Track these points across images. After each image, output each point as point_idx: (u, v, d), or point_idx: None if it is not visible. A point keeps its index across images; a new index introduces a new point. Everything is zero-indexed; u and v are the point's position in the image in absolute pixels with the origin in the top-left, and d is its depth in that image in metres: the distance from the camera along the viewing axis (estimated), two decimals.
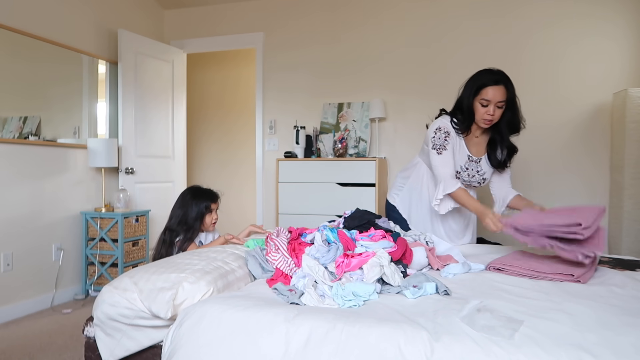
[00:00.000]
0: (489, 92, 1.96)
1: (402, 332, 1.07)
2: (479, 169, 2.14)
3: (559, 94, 3.42)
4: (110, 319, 1.40)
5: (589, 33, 3.36)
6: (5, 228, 2.92)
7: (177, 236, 2.28)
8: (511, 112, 2.02)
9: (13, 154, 2.98)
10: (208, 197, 2.38)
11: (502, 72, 2.01)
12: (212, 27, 4.31)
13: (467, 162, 2.13)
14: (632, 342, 1.01)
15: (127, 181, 3.69)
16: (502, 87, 1.96)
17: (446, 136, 2.07)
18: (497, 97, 1.95)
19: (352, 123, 3.80)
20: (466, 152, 2.12)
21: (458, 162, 2.11)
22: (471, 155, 2.12)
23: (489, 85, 1.96)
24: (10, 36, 2.95)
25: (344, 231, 1.66)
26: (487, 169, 2.16)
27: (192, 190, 2.41)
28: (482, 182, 2.18)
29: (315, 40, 3.99)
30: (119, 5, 3.87)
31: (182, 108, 4.31)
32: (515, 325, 1.09)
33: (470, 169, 2.13)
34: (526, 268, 1.60)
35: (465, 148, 2.12)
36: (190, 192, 2.40)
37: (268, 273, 1.60)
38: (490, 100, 1.95)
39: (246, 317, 1.19)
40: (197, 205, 2.32)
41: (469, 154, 2.12)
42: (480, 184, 2.19)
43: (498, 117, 2.01)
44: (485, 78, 1.99)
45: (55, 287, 3.25)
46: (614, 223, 3.25)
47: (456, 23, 3.63)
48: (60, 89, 3.34)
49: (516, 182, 3.51)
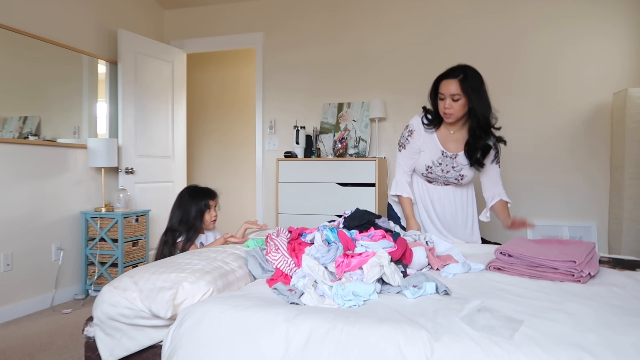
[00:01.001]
0: (442, 86, 2.03)
1: (402, 332, 1.07)
2: (454, 165, 2.16)
3: (559, 94, 3.43)
4: (110, 318, 1.40)
5: (589, 32, 3.36)
6: (5, 228, 2.92)
7: (179, 236, 2.28)
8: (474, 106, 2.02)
9: (13, 154, 2.98)
10: (206, 194, 2.38)
11: (460, 66, 2.04)
12: (212, 27, 4.31)
13: (440, 157, 2.16)
14: (632, 342, 1.01)
15: (127, 181, 3.69)
16: (455, 80, 2.00)
17: (408, 135, 2.20)
18: (450, 90, 2.00)
19: (352, 123, 3.80)
20: (439, 147, 2.16)
21: (430, 157, 2.17)
22: (445, 150, 2.15)
23: (442, 79, 2.05)
24: (10, 36, 2.95)
25: (344, 231, 1.66)
26: (465, 165, 2.17)
27: (189, 190, 2.42)
28: (459, 178, 2.19)
29: (315, 40, 3.99)
30: (119, 5, 3.86)
31: (182, 108, 4.31)
32: (515, 325, 1.09)
33: (445, 164, 2.16)
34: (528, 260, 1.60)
35: (438, 143, 2.16)
36: (188, 192, 2.40)
37: (268, 273, 1.60)
38: (444, 94, 2.02)
39: (246, 317, 1.19)
40: (196, 204, 2.33)
41: (443, 149, 2.15)
42: (458, 180, 2.20)
43: (458, 111, 2.03)
44: (442, 73, 2.06)
45: (55, 287, 3.25)
46: (614, 223, 3.25)
47: (456, 23, 3.63)
48: (60, 89, 3.34)
49: (516, 181, 3.51)
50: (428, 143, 2.17)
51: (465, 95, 1.99)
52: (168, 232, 2.31)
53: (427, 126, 2.16)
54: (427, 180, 2.27)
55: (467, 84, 1.97)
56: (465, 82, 1.98)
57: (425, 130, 2.17)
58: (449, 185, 2.25)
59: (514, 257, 1.65)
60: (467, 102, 2.01)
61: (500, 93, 3.55)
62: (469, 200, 2.30)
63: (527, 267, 1.60)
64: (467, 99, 2.00)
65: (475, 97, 1.99)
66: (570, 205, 3.42)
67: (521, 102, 3.50)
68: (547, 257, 1.57)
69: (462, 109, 2.03)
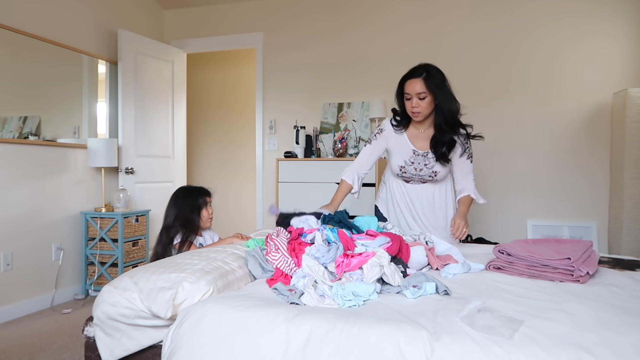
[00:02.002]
0: (407, 86, 2.08)
1: (402, 332, 1.07)
2: (426, 162, 2.19)
3: (559, 94, 3.43)
4: (110, 318, 1.40)
5: (589, 32, 3.36)
6: (5, 228, 2.92)
7: (176, 233, 2.26)
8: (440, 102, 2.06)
9: (13, 154, 2.98)
10: (202, 192, 2.38)
11: (422, 65, 2.09)
12: (212, 27, 4.31)
13: (412, 156, 2.20)
14: (632, 342, 1.01)
15: (127, 181, 3.69)
16: (419, 79, 2.04)
17: (378, 132, 2.27)
18: (415, 89, 2.04)
19: (352, 123, 3.80)
20: (410, 146, 2.19)
21: (402, 157, 2.21)
22: (416, 149, 2.19)
23: (406, 79, 2.09)
24: (10, 36, 2.95)
25: (344, 231, 1.66)
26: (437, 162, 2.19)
27: (184, 189, 2.43)
28: (433, 175, 2.21)
29: (316, 41, 4.00)
30: (119, 5, 3.87)
31: (182, 108, 4.31)
32: (515, 325, 1.09)
33: (417, 163, 2.20)
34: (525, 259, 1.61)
35: (409, 142, 2.20)
36: (183, 191, 2.40)
37: (268, 273, 1.60)
38: (410, 93, 2.06)
39: (246, 317, 1.19)
40: (193, 200, 2.32)
41: (414, 148, 2.19)
42: (432, 178, 2.23)
43: (425, 109, 2.07)
44: (405, 74, 2.11)
45: (55, 287, 3.25)
46: (614, 223, 3.25)
47: (456, 22, 3.63)
48: (60, 89, 3.34)
49: (516, 181, 3.52)
50: (399, 143, 2.22)
51: (430, 93, 2.04)
52: (163, 230, 2.29)
53: (396, 127, 2.21)
54: (405, 180, 2.30)
55: (431, 82, 2.02)
56: (429, 80, 2.03)
57: (395, 132, 2.22)
58: (426, 183, 2.27)
59: (513, 256, 1.65)
60: (432, 99, 2.06)
61: (499, 93, 3.55)
62: (447, 198, 2.31)
63: (527, 267, 1.61)
64: (432, 97, 2.05)
65: (440, 94, 2.04)
66: (570, 205, 3.42)
67: (521, 102, 3.50)
68: (542, 256, 1.58)
69: (428, 106, 2.07)
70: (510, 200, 3.54)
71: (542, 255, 1.59)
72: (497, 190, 3.56)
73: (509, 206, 3.54)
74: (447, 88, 2.07)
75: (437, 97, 2.04)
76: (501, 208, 3.55)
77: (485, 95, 3.57)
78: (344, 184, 2.26)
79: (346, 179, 2.26)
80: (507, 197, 3.54)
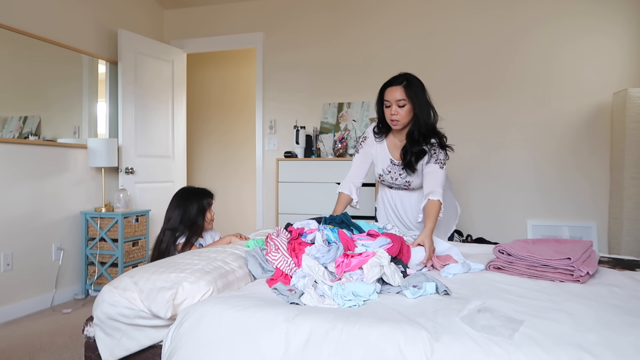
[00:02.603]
0: (387, 94, 2.08)
1: (402, 332, 1.07)
2: (401, 172, 2.20)
3: (559, 94, 3.43)
4: (110, 318, 1.40)
5: (589, 32, 3.36)
6: (5, 228, 2.92)
7: (179, 236, 2.26)
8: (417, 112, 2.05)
9: (13, 154, 2.98)
10: (205, 193, 2.38)
11: (402, 74, 2.10)
12: (212, 27, 4.31)
13: (389, 166, 2.22)
14: (632, 342, 1.01)
15: (127, 181, 3.69)
16: (399, 86, 2.05)
17: (362, 140, 2.28)
18: (395, 96, 2.04)
19: (352, 123, 3.80)
20: (388, 155, 2.21)
21: (381, 166, 2.24)
22: (393, 159, 2.20)
23: (386, 87, 2.09)
24: (10, 36, 2.95)
25: (345, 231, 1.66)
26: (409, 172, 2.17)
27: (187, 190, 2.42)
28: (407, 185, 2.22)
29: (316, 40, 4.00)
30: (119, 5, 3.87)
31: (182, 108, 4.31)
32: (515, 325, 1.09)
33: (393, 172, 2.22)
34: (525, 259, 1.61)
35: (387, 152, 2.21)
36: (187, 192, 2.40)
37: (268, 273, 1.60)
38: (390, 101, 2.06)
39: (246, 317, 1.19)
40: (197, 202, 2.32)
41: (391, 157, 2.20)
42: (407, 187, 2.24)
43: (404, 117, 2.06)
44: (385, 82, 2.11)
45: (55, 287, 3.25)
46: (614, 223, 3.25)
47: (456, 22, 3.63)
48: (60, 89, 3.34)
49: (516, 181, 3.51)
50: (379, 152, 2.24)
51: (409, 101, 2.04)
52: (166, 232, 2.28)
53: (377, 135, 2.23)
54: (388, 186, 2.33)
55: (410, 90, 2.03)
56: (409, 88, 2.04)
57: (375, 140, 2.24)
58: (407, 190, 2.29)
59: (513, 256, 1.65)
60: (411, 108, 2.05)
61: (498, 92, 3.55)
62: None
63: (527, 267, 1.61)
64: (411, 105, 2.05)
65: (419, 103, 2.04)
66: (570, 205, 3.42)
67: (520, 102, 3.50)
68: (542, 256, 1.58)
69: (407, 114, 2.06)
70: (510, 200, 3.54)
71: (542, 255, 1.59)
72: (497, 190, 3.56)
73: (509, 206, 3.54)
74: (426, 98, 2.08)
75: (415, 106, 2.04)
76: (501, 208, 3.56)
77: (485, 95, 3.57)
78: (342, 196, 2.24)
79: (343, 191, 2.24)
80: (507, 197, 3.54)
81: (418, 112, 2.05)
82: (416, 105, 2.04)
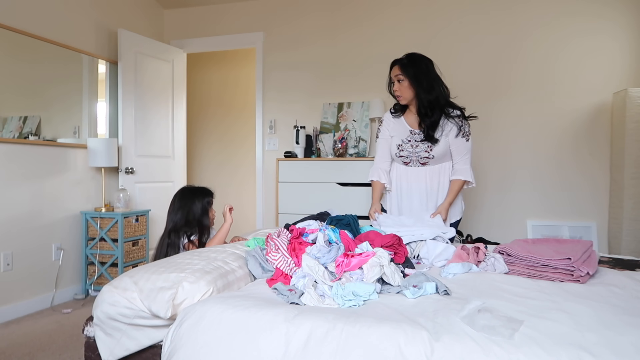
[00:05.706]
0: (391, 72, 2.33)
1: (402, 332, 1.07)
2: (422, 139, 2.32)
3: (559, 94, 3.43)
4: (110, 318, 1.40)
5: (589, 32, 3.36)
6: (5, 228, 2.92)
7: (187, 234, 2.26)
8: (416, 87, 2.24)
9: (13, 154, 2.97)
10: (207, 192, 2.38)
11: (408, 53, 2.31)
12: (212, 27, 4.31)
13: (409, 135, 2.36)
14: (632, 342, 1.01)
15: (127, 181, 3.69)
16: (396, 65, 2.28)
17: (380, 124, 2.48)
18: (394, 72, 2.29)
19: (352, 123, 3.79)
20: (407, 128, 2.37)
21: (400, 137, 2.38)
22: (413, 129, 2.35)
23: (391, 66, 2.33)
24: (10, 36, 2.95)
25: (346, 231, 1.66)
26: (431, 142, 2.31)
27: (189, 190, 2.41)
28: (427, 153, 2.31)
29: (315, 40, 3.99)
30: (119, 5, 3.86)
31: (182, 108, 4.31)
32: (515, 325, 1.09)
33: (413, 140, 2.35)
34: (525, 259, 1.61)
35: (406, 125, 2.38)
36: (189, 191, 2.39)
37: (268, 273, 1.60)
38: (393, 77, 2.31)
39: (246, 317, 1.19)
40: (200, 201, 2.32)
41: (411, 128, 2.36)
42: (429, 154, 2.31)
43: (404, 92, 2.28)
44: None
45: (55, 287, 3.25)
46: (614, 223, 3.25)
47: (456, 22, 3.63)
48: (60, 89, 3.34)
49: (516, 181, 3.51)
50: (397, 127, 2.40)
51: (406, 77, 2.23)
52: (171, 233, 2.27)
53: (394, 114, 2.42)
54: (404, 163, 2.39)
55: (407, 67, 2.23)
56: (406, 65, 2.24)
57: (393, 118, 2.42)
58: (425, 166, 2.35)
59: (513, 256, 1.65)
60: (410, 83, 2.24)
61: (499, 92, 3.55)
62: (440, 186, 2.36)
63: (527, 267, 1.61)
64: (409, 81, 2.24)
65: (415, 78, 2.22)
66: (570, 205, 3.42)
67: (521, 102, 3.50)
68: (542, 256, 1.58)
69: (407, 90, 2.26)
70: (510, 200, 3.54)
71: (542, 255, 1.59)
72: (497, 190, 3.56)
73: (509, 206, 3.54)
74: (426, 73, 2.22)
75: (412, 82, 2.22)
76: (501, 208, 3.56)
77: (485, 95, 3.57)
78: (375, 183, 2.43)
79: (374, 178, 2.44)
80: (507, 197, 3.54)
81: (416, 87, 2.23)
82: (413, 81, 2.22)
